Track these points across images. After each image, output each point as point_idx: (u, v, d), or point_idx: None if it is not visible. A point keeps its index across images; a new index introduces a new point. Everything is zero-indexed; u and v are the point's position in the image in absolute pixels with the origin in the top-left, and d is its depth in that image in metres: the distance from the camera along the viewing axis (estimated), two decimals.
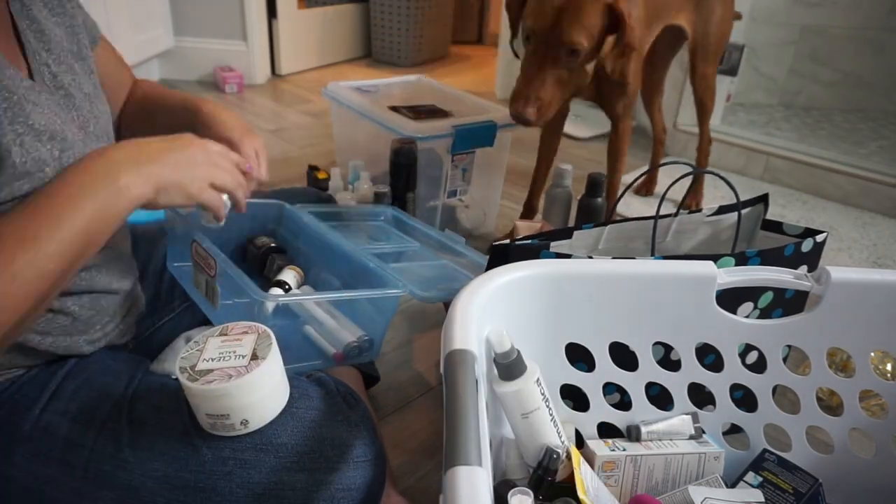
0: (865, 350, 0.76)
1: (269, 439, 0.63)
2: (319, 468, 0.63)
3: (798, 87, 2.65)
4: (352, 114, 1.56)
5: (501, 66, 2.87)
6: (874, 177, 1.90)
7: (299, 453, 0.63)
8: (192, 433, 0.63)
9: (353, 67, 3.27)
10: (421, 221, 1.15)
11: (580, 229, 0.97)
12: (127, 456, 0.61)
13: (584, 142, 2.38)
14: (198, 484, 0.61)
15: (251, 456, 0.62)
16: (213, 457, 0.62)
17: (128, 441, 0.62)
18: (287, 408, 0.65)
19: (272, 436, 0.63)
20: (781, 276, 0.72)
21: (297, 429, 0.64)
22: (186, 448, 0.62)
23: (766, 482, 0.76)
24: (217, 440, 0.63)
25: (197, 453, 0.62)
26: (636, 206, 1.85)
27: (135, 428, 0.62)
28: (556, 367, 0.75)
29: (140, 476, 0.61)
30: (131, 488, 0.61)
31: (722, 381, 0.78)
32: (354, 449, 0.66)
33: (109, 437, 0.62)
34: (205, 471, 0.61)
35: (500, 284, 0.66)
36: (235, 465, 0.62)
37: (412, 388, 1.09)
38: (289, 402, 0.66)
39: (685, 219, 1.02)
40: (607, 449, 0.75)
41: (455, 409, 0.48)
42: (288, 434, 0.64)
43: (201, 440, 0.62)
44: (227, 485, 0.61)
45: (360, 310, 0.83)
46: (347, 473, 0.65)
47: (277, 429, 0.64)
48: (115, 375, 0.67)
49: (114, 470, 0.61)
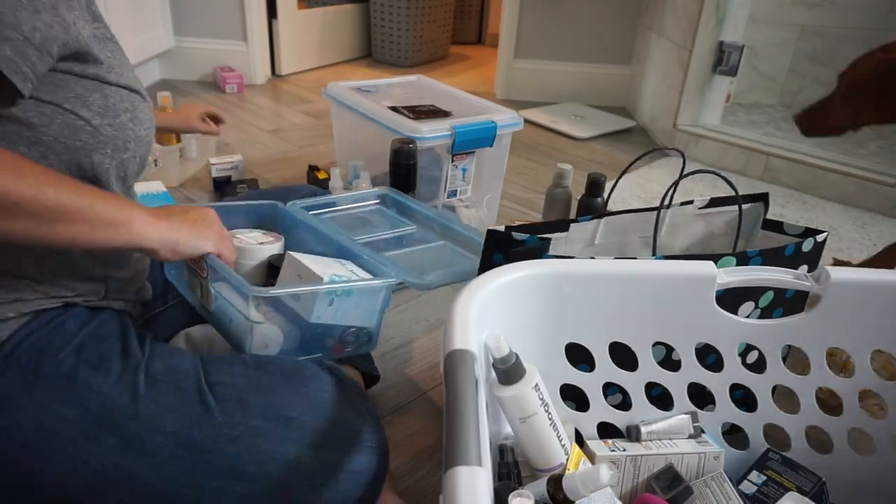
0: (865, 350, 0.76)
1: (282, 411, 0.64)
2: (326, 447, 0.65)
3: (798, 87, 2.65)
4: (352, 114, 1.56)
5: (501, 66, 2.87)
6: (874, 177, 1.90)
7: (308, 429, 0.65)
8: (206, 395, 0.64)
9: (353, 67, 3.27)
10: (417, 201, 1.15)
11: (576, 222, 0.97)
12: (140, 407, 0.63)
13: (584, 142, 2.38)
14: (204, 444, 0.63)
15: (261, 423, 0.64)
16: (223, 419, 0.63)
17: (144, 393, 0.63)
18: (299, 386, 0.67)
19: (284, 408, 0.65)
20: (781, 276, 0.72)
21: (307, 406, 0.66)
22: (199, 407, 0.64)
23: (769, 481, 0.77)
24: (230, 404, 0.64)
25: (209, 414, 0.63)
26: (629, 199, 1.85)
27: (150, 382, 0.65)
28: (556, 368, 0.75)
29: (149, 429, 0.62)
30: (139, 439, 0.62)
31: (722, 381, 0.78)
32: (361, 434, 0.68)
33: (127, 387, 0.64)
34: (214, 432, 0.63)
35: (499, 284, 0.66)
36: (245, 430, 0.63)
37: (412, 388, 1.09)
38: (302, 381, 0.68)
39: (678, 212, 1.02)
40: (607, 449, 0.75)
41: (455, 409, 0.48)
42: (298, 409, 0.65)
43: (214, 401, 0.64)
44: (233, 448, 0.63)
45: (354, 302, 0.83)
46: (354, 456, 0.66)
47: (289, 402, 0.65)
48: (136, 337, 0.71)
49: (125, 420, 0.62)
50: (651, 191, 1.94)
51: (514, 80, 2.85)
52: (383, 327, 1.23)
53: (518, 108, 1.72)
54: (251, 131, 2.28)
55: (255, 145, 2.14)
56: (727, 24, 2.12)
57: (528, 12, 2.74)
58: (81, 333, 0.66)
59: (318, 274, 0.77)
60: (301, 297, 0.76)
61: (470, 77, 3.27)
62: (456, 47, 3.85)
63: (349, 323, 0.82)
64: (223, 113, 1.57)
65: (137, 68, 2.59)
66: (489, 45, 3.95)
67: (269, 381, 0.67)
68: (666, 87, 2.34)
